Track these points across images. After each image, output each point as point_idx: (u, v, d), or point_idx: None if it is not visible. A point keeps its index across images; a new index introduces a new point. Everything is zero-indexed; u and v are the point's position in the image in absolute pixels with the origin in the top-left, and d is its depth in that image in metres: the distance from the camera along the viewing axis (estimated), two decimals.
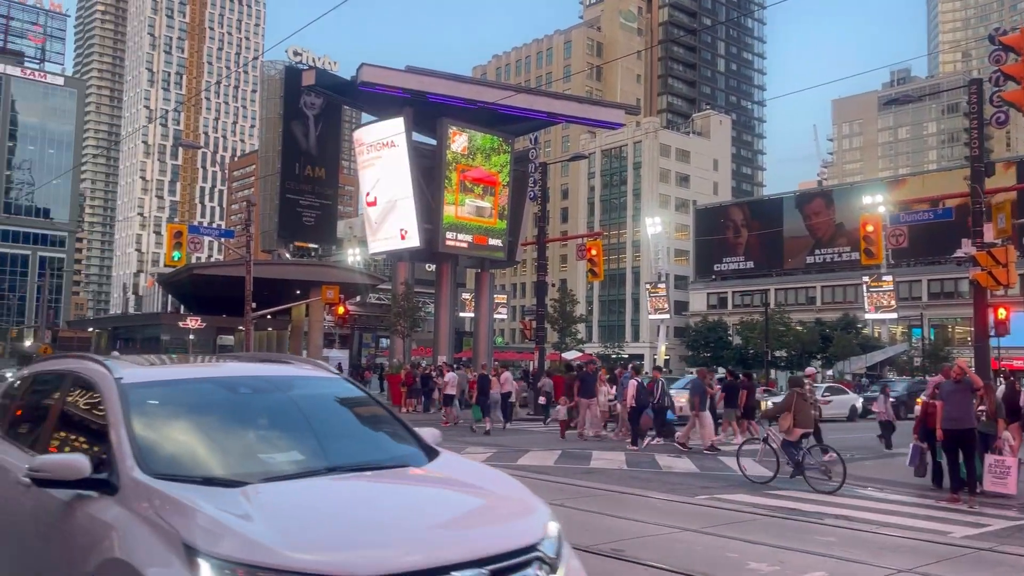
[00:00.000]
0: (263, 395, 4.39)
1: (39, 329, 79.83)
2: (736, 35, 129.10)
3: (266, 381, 4.58)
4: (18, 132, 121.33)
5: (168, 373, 4.74)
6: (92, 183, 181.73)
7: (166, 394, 4.22)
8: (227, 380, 4.53)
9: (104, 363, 4.32)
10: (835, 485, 11.72)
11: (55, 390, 4.65)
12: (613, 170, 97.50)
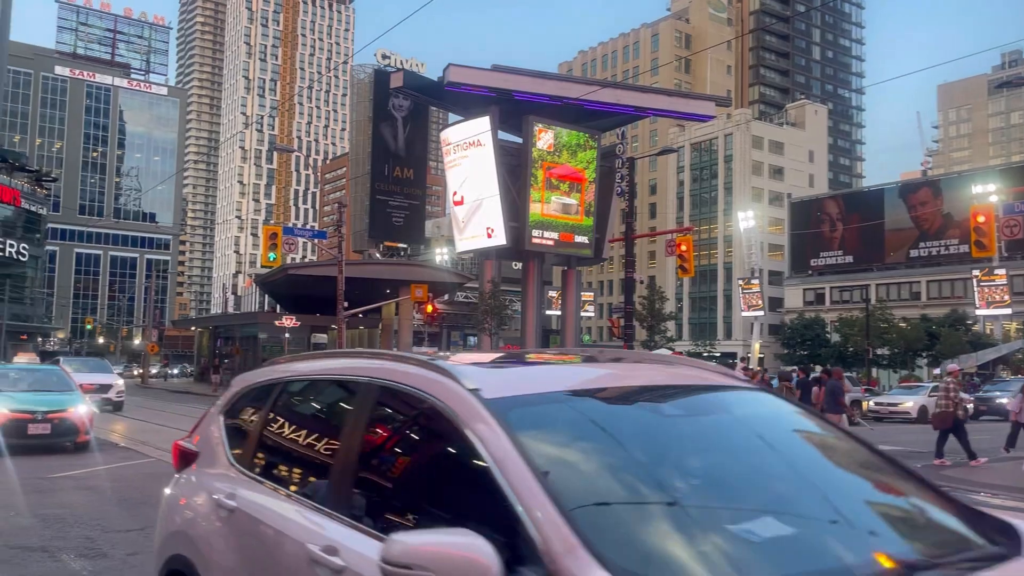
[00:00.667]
0: (701, 419, 2.73)
1: (147, 328, 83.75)
2: (832, 21, 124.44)
3: (689, 395, 2.85)
4: (126, 141, 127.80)
5: (540, 380, 2.83)
6: (193, 188, 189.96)
7: (564, 419, 2.52)
8: (642, 393, 2.78)
9: (439, 365, 2.64)
10: None
11: (349, 408, 3.05)
12: (703, 164, 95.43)
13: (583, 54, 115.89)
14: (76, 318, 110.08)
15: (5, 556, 6.84)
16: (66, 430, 14.00)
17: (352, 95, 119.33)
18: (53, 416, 13.87)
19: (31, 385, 15.13)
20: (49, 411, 13.90)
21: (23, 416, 13.64)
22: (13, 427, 13.50)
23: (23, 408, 13.75)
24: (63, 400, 14.48)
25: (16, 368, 16.64)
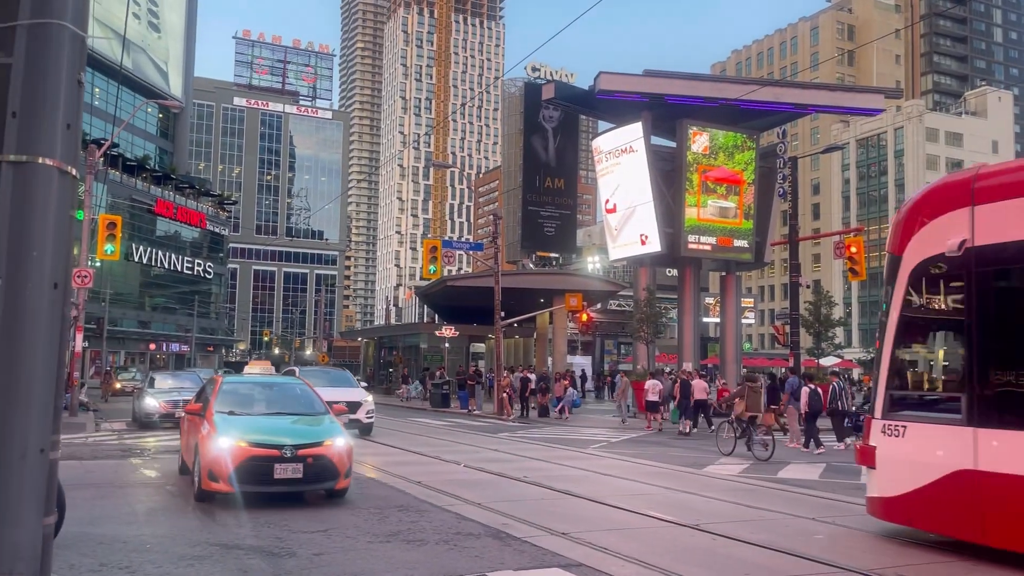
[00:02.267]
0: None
1: (316, 340, 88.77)
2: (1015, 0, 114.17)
3: None
4: (296, 164, 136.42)
5: None
6: (356, 206, 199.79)
7: None
8: None
9: None
10: (767, 454, 16.52)
11: None
12: (870, 160, 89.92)
13: (737, 53, 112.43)
14: (255, 330, 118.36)
15: None
16: (322, 472, 10.01)
17: (503, 109, 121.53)
18: (306, 452, 9.85)
19: (271, 406, 11.60)
20: (301, 445, 9.89)
21: (268, 452, 9.67)
22: (255, 468, 9.60)
23: (267, 440, 9.84)
24: (317, 429, 10.61)
25: (251, 382, 12.60)
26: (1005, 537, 7.22)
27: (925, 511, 8.02)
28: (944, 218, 8.09)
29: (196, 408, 11.35)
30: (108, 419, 25.61)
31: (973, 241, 7.70)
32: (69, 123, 2.51)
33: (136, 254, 73.84)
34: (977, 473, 7.37)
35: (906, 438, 8.21)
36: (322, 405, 11.67)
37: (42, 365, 2.44)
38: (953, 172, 9.13)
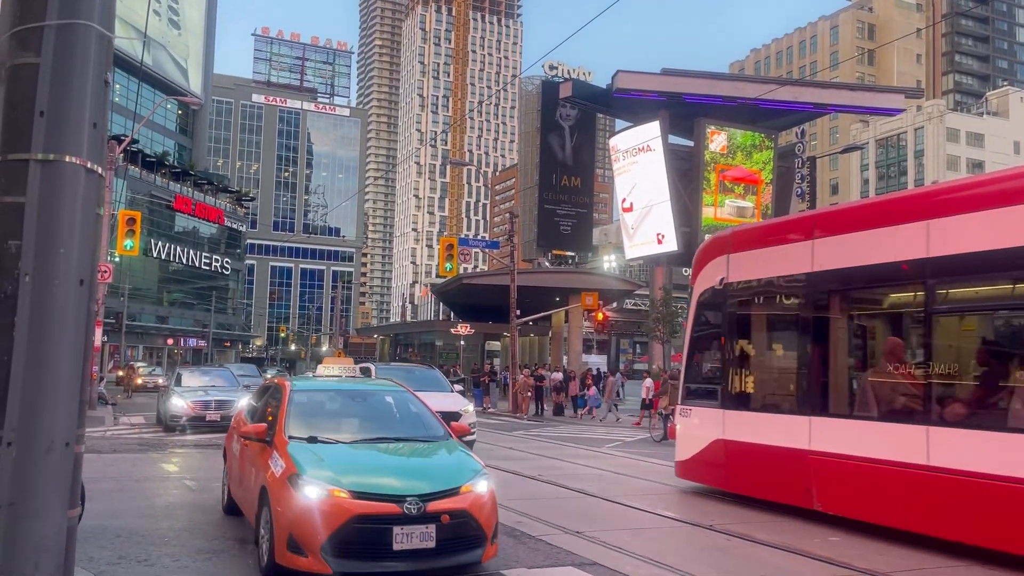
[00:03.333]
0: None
1: (333, 336, 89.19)
2: None
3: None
4: (313, 161, 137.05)
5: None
6: (373, 203, 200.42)
7: None
8: None
9: None
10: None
11: None
12: (890, 160, 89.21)
13: (755, 52, 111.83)
14: (271, 327, 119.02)
15: None
16: (463, 536, 6.45)
17: (521, 107, 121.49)
18: (440, 506, 6.32)
19: (368, 427, 7.78)
20: (431, 495, 6.36)
21: (382, 509, 6.19)
22: (363, 536, 6.12)
23: (379, 488, 6.38)
24: (446, 466, 7.04)
25: (332, 389, 8.59)
26: (740, 485, 10.47)
27: (700, 469, 11.27)
28: (714, 261, 11.34)
29: (257, 431, 7.31)
30: (127, 413, 25.84)
31: (728, 279, 10.91)
32: (95, 122, 2.56)
33: (155, 250, 74.47)
34: (725, 441, 10.59)
35: (691, 418, 11.58)
36: (440, 425, 7.88)
37: (68, 360, 2.49)
38: (725, 230, 12.57)
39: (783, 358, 10.63)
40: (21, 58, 2.46)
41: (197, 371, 24.24)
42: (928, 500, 7.91)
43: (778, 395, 10.48)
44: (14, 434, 2.37)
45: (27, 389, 2.37)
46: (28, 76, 2.43)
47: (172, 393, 20.24)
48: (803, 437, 9.30)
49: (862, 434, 8.74)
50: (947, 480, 7.73)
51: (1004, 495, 7.21)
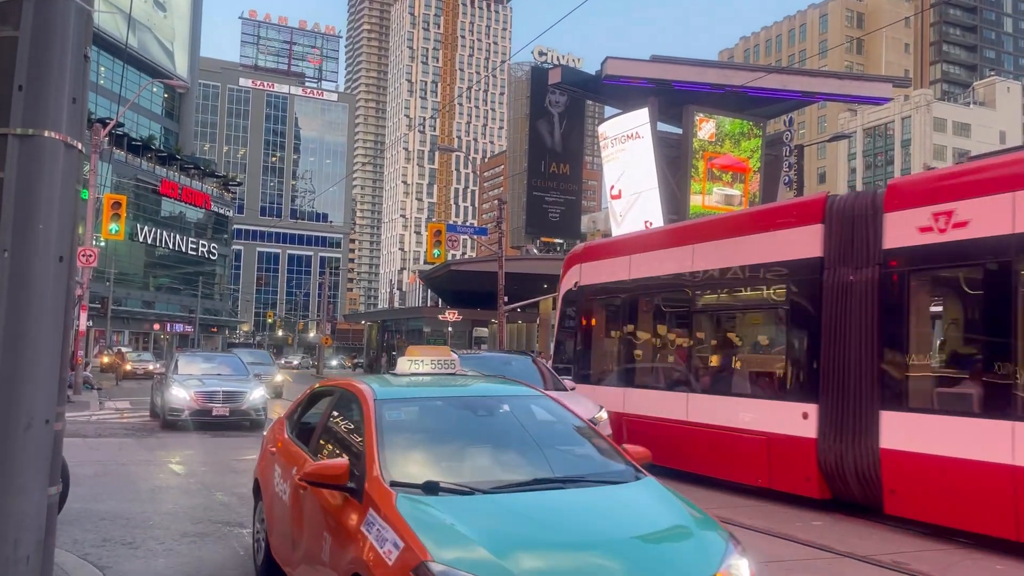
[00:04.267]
0: None
1: (320, 322, 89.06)
2: None
3: None
4: (301, 146, 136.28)
5: None
6: (361, 189, 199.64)
7: None
8: None
9: None
10: None
11: None
12: (877, 149, 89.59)
13: (745, 40, 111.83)
14: (258, 312, 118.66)
15: None
16: None
17: (509, 93, 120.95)
18: None
19: (507, 458, 4.72)
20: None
21: None
22: None
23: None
24: (674, 546, 4.01)
25: (438, 396, 5.34)
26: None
27: None
28: (573, 268, 14.37)
29: (333, 472, 4.21)
30: (113, 398, 25.73)
31: (581, 282, 13.92)
32: (75, 97, 2.53)
33: (141, 234, 73.96)
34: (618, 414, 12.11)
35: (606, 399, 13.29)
36: (615, 450, 4.87)
37: (47, 337, 2.47)
38: (579, 245, 16.23)
39: (612, 345, 13.40)
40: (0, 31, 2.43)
41: (199, 356, 21.13)
42: (689, 445, 11.07)
43: (607, 372, 13.35)
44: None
45: (5, 365, 2.35)
46: (7, 49, 2.40)
47: (171, 382, 16.89)
48: (620, 403, 12.27)
49: (651, 400, 11.95)
50: (700, 431, 10.92)
51: (730, 440, 10.39)
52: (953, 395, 8.18)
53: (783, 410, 9.74)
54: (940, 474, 7.90)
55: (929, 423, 8.16)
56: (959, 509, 7.74)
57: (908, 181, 9.83)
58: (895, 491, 8.35)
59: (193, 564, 6.35)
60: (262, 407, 17.05)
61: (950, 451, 7.83)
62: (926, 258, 8.42)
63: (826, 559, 7.14)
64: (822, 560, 7.12)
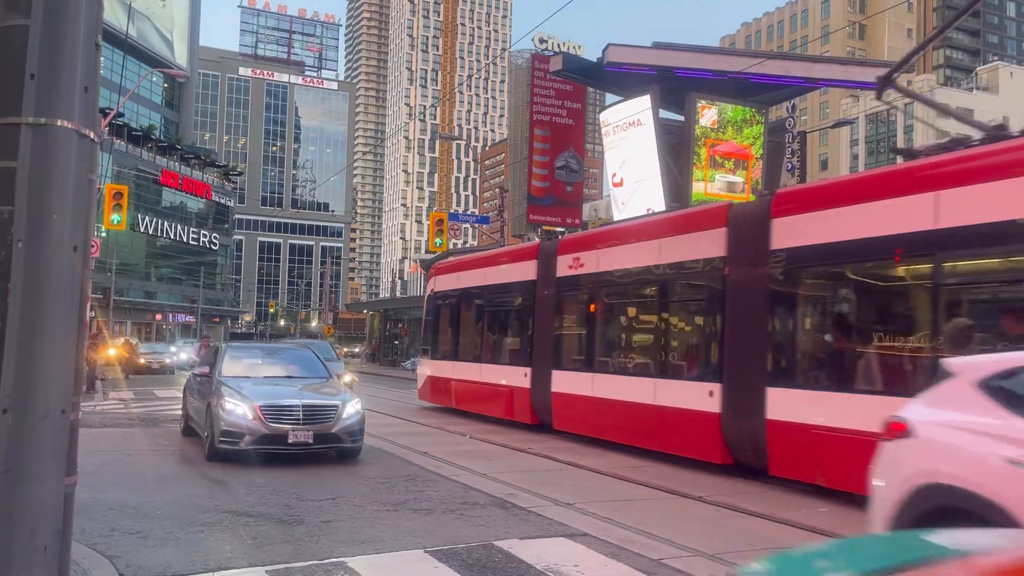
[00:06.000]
0: None
1: (322, 312, 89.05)
2: None
3: None
4: (301, 135, 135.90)
5: None
6: (362, 178, 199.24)
7: None
8: None
9: None
10: None
11: None
12: (879, 136, 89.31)
13: (747, 26, 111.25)
14: (260, 302, 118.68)
15: None
16: None
17: (510, 81, 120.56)
18: None
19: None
20: None
21: None
22: None
23: None
24: None
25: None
26: (439, 400, 19.57)
27: (424, 394, 20.52)
28: (431, 279, 21.15)
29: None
30: (117, 388, 25.76)
31: (435, 288, 20.40)
32: (87, 86, 2.52)
33: (142, 224, 73.89)
34: (431, 377, 20.06)
35: (421, 366, 20.98)
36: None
37: (62, 327, 2.47)
38: (437, 261, 25.15)
39: (451, 332, 19.55)
40: (10, 20, 2.42)
41: (255, 349, 14.54)
42: (481, 395, 17.54)
43: (446, 351, 19.66)
44: (10, 400, 2.35)
45: (22, 355, 2.35)
46: (18, 38, 2.39)
47: (219, 388, 11.28)
48: (449, 372, 18.93)
49: (467, 369, 18.22)
50: (492, 387, 17.11)
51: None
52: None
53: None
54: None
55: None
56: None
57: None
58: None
59: (201, 553, 6.38)
60: (359, 429, 11.16)
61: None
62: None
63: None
64: None
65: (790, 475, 9.69)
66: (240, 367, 12.38)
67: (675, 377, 12.11)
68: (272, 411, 10.66)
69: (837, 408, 9.06)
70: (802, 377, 9.84)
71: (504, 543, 6.77)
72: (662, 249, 12.48)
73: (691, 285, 12.30)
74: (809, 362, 9.97)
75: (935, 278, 8.37)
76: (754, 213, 10.83)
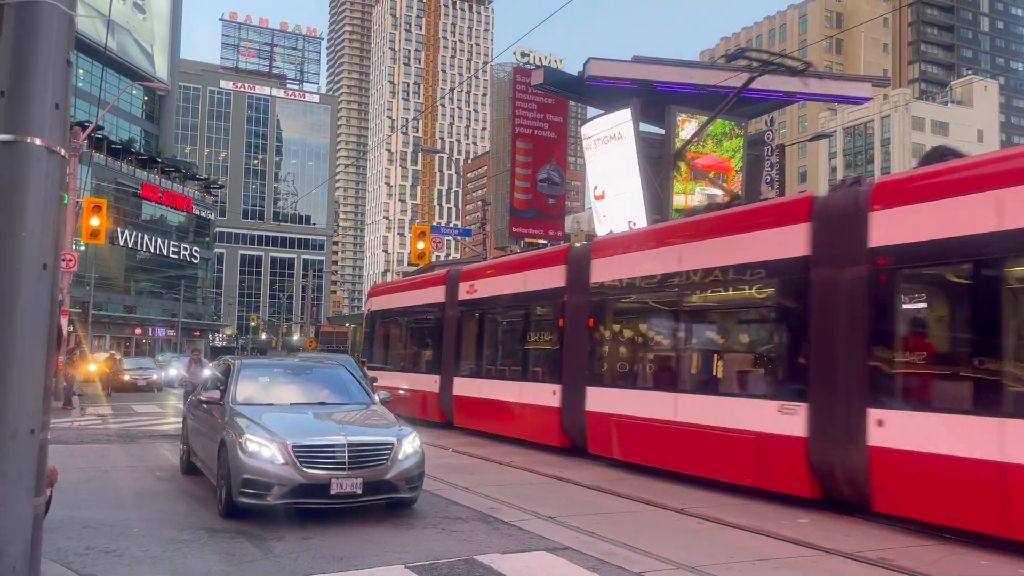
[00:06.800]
0: None
1: (304, 325, 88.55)
2: None
3: None
4: (283, 148, 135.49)
5: None
6: (344, 191, 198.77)
7: None
8: None
9: None
10: None
11: None
12: (857, 148, 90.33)
13: (726, 41, 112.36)
14: (241, 316, 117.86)
15: None
16: None
17: (492, 94, 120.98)
18: None
19: None
20: None
21: None
22: None
23: None
24: None
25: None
26: (429, 414, 19.22)
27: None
28: (369, 300, 25.17)
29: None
30: (95, 404, 25.45)
31: (372, 308, 23.94)
32: (58, 103, 2.50)
33: (121, 238, 73.27)
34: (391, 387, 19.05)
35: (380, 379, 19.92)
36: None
37: (31, 346, 2.44)
38: (374, 285, 30.10)
39: (382, 345, 22.96)
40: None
41: (268, 368, 11.03)
42: (418, 400, 19.59)
43: (382, 362, 22.12)
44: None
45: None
46: None
47: (235, 422, 8.63)
48: (400, 382, 20.24)
49: (399, 377, 20.53)
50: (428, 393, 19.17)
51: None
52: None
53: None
54: None
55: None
56: None
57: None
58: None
59: (178, 571, 6.30)
60: (419, 474, 8.60)
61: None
62: None
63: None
64: None
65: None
66: (258, 391, 9.72)
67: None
68: (309, 452, 8.00)
69: None
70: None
71: (485, 557, 6.75)
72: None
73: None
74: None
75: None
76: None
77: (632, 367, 12.77)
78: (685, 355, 11.63)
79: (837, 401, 8.96)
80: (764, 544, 7.62)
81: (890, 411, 8.34)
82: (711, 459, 10.54)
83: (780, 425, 9.47)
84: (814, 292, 9.37)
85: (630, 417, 12.17)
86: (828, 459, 9.02)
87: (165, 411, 23.90)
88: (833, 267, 9.18)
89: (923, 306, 9.02)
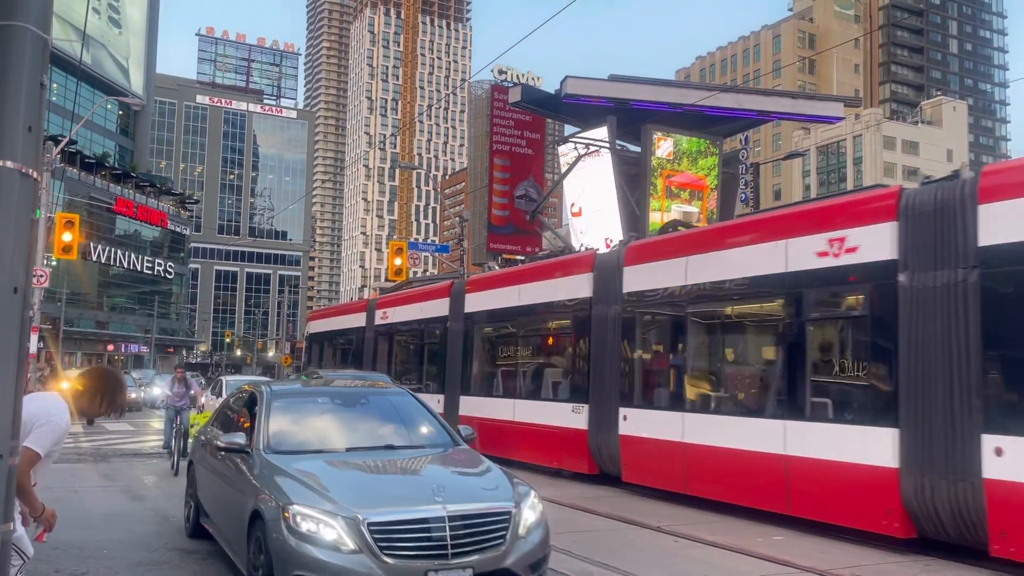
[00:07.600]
0: None
1: (280, 341, 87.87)
2: (970, 12, 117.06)
3: None
4: (259, 163, 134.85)
5: None
6: (321, 206, 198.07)
7: None
8: None
9: None
10: None
11: None
12: (830, 167, 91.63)
13: (701, 60, 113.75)
14: (216, 332, 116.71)
15: None
16: None
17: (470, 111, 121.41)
18: None
19: None
20: None
21: None
22: None
23: None
24: None
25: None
26: None
27: None
28: (309, 323, 31.22)
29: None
30: None
31: (310, 331, 29.48)
32: (31, 126, 2.49)
33: (94, 253, 72.40)
34: None
35: None
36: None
37: (1, 370, 2.42)
38: (314, 311, 39.90)
39: (336, 361, 25.29)
40: None
41: (306, 398, 7.75)
42: None
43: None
44: None
45: None
46: None
47: (276, 482, 5.83)
48: None
49: None
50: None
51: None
52: None
53: None
54: None
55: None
56: None
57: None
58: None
59: None
60: (544, 556, 5.95)
61: None
62: None
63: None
64: None
65: None
66: (299, 430, 6.94)
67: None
68: (392, 532, 5.35)
69: None
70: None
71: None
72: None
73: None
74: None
75: None
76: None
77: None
78: None
79: None
80: (740, 562, 7.65)
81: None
82: None
83: None
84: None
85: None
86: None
87: (137, 429, 23.59)
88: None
89: None
